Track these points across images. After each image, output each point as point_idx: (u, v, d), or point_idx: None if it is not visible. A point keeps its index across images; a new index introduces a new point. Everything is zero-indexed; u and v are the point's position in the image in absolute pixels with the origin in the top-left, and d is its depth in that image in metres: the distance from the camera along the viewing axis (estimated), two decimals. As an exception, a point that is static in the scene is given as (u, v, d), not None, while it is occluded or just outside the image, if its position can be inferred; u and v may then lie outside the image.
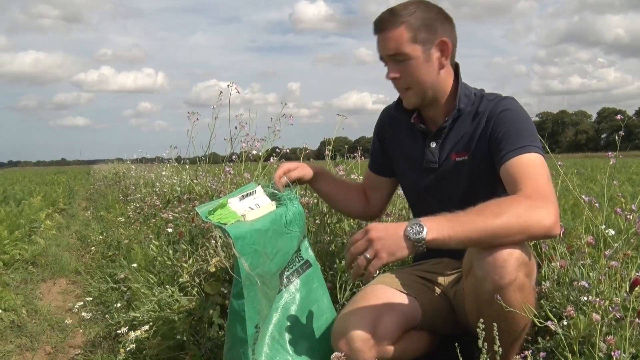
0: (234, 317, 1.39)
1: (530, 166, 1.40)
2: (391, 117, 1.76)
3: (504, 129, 1.49)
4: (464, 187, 1.58)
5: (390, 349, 1.44)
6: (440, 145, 1.62)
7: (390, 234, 1.24)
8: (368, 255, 1.22)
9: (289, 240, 1.49)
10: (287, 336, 1.47)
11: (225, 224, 1.35)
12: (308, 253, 1.63)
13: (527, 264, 1.33)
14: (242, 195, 1.50)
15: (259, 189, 1.55)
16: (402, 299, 1.52)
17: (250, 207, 1.47)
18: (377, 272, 1.30)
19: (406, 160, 1.72)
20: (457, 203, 1.34)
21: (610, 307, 1.27)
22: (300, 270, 1.59)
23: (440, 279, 1.64)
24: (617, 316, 1.25)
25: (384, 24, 1.54)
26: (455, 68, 1.62)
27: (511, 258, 1.27)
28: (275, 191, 1.56)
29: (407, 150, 1.71)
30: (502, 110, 1.53)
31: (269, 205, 1.51)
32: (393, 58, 1.55)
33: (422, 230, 1.22)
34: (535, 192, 1.32)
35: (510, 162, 1.42)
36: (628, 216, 1.44)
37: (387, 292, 1.52)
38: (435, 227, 1.23)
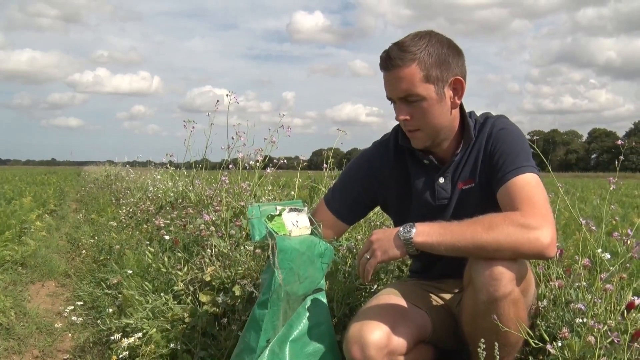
0: (252, 324, 1.42)
1: (528, 187, 1.40)
2: (393, 154, 1.62)
3: (501, 149, 1.49)
4: (473, 215, 1.40)
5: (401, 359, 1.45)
6: (451, 181, 1.56)
7: (386, 235, 1.37)
8: (367, 255, 1.37)
9: (318, 271, 1.51)
10: (287, 353, 1.46)
11: (277, 234, 1.44)
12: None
13: (524, 280, 1.36)
14: (291, 208, 1.54)
15: (305, 209, 1.58)
16: (415, 312, 1.53)
17: (292, 222, 1.52)
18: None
19: (414, 199, 1.61)
20: None
21: (608, 331, 1.28)
22: (312, 292, 1.59)
23: (447, 295, 1.65)
24: (616, 341, 1.27)
25: (393, 62, 1.42)
26: None
27: (507, 272, 1.29)
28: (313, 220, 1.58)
29: (414, 188, 1.60)
30: (499, 129, 1.52)
31: (305, 228, 1.54)
32: (403, 99, 1.45)
33: (412, 230, 1.33)
34: (533, 213, 1.33)
35: (508, 184, 1.42)
36: (626, 240, 1.46)
37: (401, 303, 1.53)
38: (426, 231, 1.33)
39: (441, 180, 1.57)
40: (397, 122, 1.55)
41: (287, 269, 1.38)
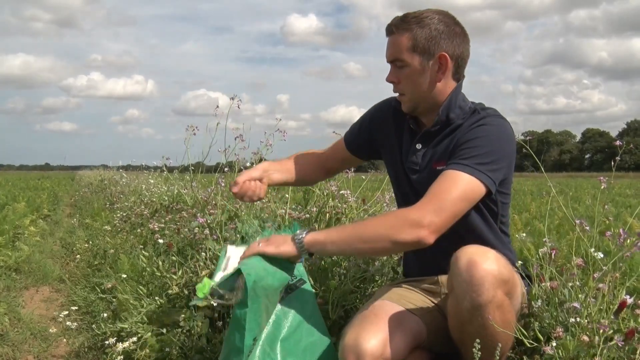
0: (234, 325, 1.41)
1: (449, 183, 1.41)
2: (395, 108, 1.71)
3: (466, 142, 1.49)
4: None
5: None
6: (425, 152, 1.61)
7: (281, 237, 1.51)
8: (260, 243, 1.48)
9: (288, 262, 1.51)
10: (278, 350, 1.46)
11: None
12: (300, 270, 1.64)
13: (507, 282, 1.34)
14: (223, 268, 1.54)
15: (230, 248, 1.60)
16: (410, 318, 1.52)
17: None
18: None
19: (397, 153, 1.70)
20: None
21: (603, 329, 1.28)
22: (294, 286, 1.59)
23: (439, 298, 1.64)
24: (615, 339, 1.27)
25: (390, 28, 1.57)
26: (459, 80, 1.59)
27: (488, 276, 1.28)
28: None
29: (401, 143, 1.69)
30: (480, 123, 1.52)
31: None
32: (393, 63, 1.58)
33: (304, 233, 1.46)
34: (428, 204, 1.37)
35: (441, 174, 1.44)
36: (620, 240, 1.46)
37: (396, 309, 1.52)
38: (316, 233, 1.47)
39: (418, 146, 1.63)
40: None
41: (254, 273, 1.39)
